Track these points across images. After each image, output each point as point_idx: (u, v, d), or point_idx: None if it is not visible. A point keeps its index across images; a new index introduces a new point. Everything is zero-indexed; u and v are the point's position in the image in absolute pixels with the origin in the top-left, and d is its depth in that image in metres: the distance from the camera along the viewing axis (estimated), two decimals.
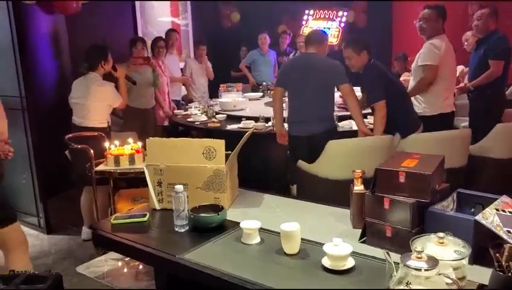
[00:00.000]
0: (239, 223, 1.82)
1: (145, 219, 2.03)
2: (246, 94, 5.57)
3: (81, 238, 3.56)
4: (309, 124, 3.28)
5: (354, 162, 1.77)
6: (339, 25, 6.74)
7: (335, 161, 2.89)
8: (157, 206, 2.16)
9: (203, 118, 4.43)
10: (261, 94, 5.57)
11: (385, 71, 3.42)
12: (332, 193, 2.38)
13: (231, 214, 2.02)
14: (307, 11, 7.07)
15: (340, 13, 6.80)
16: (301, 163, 3.14)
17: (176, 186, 1.90)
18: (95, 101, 3.42)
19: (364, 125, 3.32)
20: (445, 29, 3.67)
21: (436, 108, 3.55)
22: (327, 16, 6.94)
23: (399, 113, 3.24)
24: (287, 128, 3.47)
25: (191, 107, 4.99)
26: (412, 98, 3.54)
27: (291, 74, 3.37)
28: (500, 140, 3.33)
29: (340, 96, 3.78)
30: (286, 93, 3.49)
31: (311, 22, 7.05)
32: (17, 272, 1.89)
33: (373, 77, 3.27)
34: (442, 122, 3.49)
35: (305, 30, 7.01)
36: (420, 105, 3.60)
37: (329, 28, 6.82)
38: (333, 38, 6.73)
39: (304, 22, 7.07)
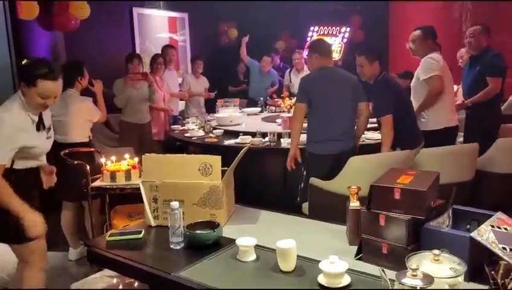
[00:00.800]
0: (235, 240, 1.82)
1: (141, 235, 2.02)
2: (244, 109, 5.60)
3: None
4: (337, 142, 3.13)
5: (375, 178, 1.76)
6: (342, 41, 6.83)
7: (357, 177, 2.74)
8: (153, 223, 2.15)
9: (201, 133, 4.44)
10: (259, 109, 5.60)
11: (395, 85, 3.44)
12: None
13: (227, 231, 2.01)
14: (312, 28, 7.16)
15: (343, 29, 6.88)
16: (315, 180, 3.01)
17: (171, 203, 1.90)
18: (75, 118, 3.42)
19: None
20: (441, 46, 3.74)
21: (441, 122, 3.57)
22: (330, 32, 7.03)
23: (404, 129, 3.27)
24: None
25: (188, 122, 5.00)
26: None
27: (316, 89, 3.16)
28: (501, 154, 3.34)
29: None
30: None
31: (316, 38, 7.15)
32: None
33: (382, 91, 3.28)
34: (447, 136, 3.51)
35: None
36: (425, 120, 3.60)
37: (332, 44, 6.92)
38: (336, 54, 6.83)
39: (308, 39, 7.15)
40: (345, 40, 6.89)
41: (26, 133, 2.17)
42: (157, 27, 6.66)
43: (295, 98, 4.96)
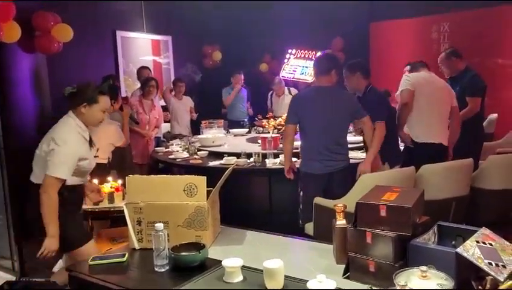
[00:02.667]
0: (221, 261, 1.79)
1: (124, 259, 1.98)
2: (232, 130, 5.62)
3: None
4: (330, 161, 3.12)
5: None
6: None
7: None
8: (137, 246, 2.11)
9: (185, 154, 4.41)
10: (246, 130, 5.59)
11: (384, 96, 3.56)
12: None
13: (213, 252, 1.98)
14: (289, 50, 7.31)
15: (318, 53, 7.06)
16: (320, 200, 2.97)
17: (156, 225, 1.87)
18: (100, 139, 3.38)
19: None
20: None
21: (419, 136, 3.63)
22: (306, 56, 7.18)
23: (391, 143, 3.35)
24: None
25: (172, 144, 4.97)
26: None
27: (304, 109, 3.15)
28: (493, 171, 3.38)
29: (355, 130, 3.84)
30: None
31: (292, 61, 7.28)
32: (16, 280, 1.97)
33: (376, 97, 3.41)
34: (427, 151, 3.54)
35: (286, 68, 7.21)
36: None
37: (307, 67, 7.09)
38: (309, 77, 7.00)
39: (285, 60, 7.29)
40: None
41: (84, 151, 2.45)
42: (141, 50, 6.68)
43: (279, 119, 5.07)
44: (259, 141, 4.54)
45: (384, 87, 5.11)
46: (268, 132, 4.97)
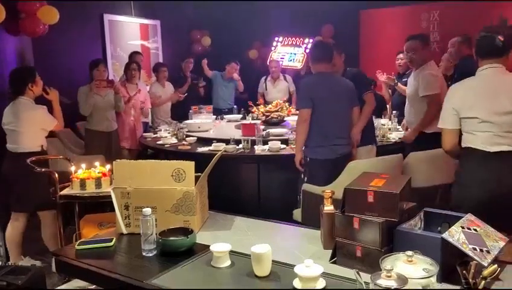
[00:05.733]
0: (209, 246, 1.79)
1: (111, 243, 1.97)
2: (226, 116, 5.57)
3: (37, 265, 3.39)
4: (340, 146, 3.21)
5: None
6: (304, 51, 7.02)
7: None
8: (124, 231, 2.10)
9: (173, 140, 4.39)
10: (240, 116, 5.52)
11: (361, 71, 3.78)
12: None
13: (201, 237, 1.98)
14: (276, 38, 7.29)
15: (306, 40, 7.05)
16: (309, 186, 3.00)
17: (143, 210, 1.86)
18: (26, 126, 3.31)
19: None
20: None
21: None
22: (294, 43, 7.17)
23: (372, 127, 3.45)
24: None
25: (160, 130, 4.94)
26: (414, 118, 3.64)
27: (317, 94, 3.18)
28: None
29: None
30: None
31: (280, 48, 7.26)
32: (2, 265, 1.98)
33: (358, 72, 3.61)
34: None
35: (274, 56, 7.18)
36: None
37: (295, 54, 7.09)
38: (298, 63, 7.01)
39: (273, 48, 7.26)
40: (307, 51, 7.06)
41: None
42: (129, 34, 6.58)
43: (269, 106, 5.04)
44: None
45: (373, 73, 5.14)
46: (258, 118, 4.95)
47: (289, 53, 7.10)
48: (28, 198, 3.30)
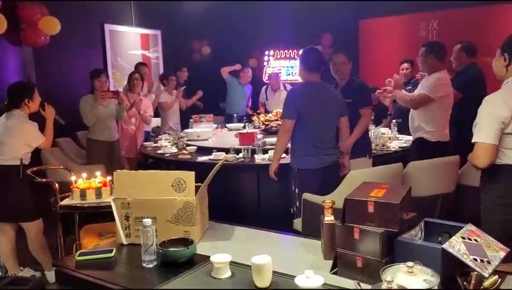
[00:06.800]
0: (209, 256, 1.79)
1: (112, 254, 1.97)
2: (228, 125, 5.58)
3: (37, 275, 3.37)
4: (328, 155, 3.19)
5: None
6: None
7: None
8: (124, 241, 2.09)
9: (174, 149, 4.40)
10: (242, 125, 5.51)
11: (367, 85, 3.71)
12: None
13: (201, 248, 1.98)
14: (267, 52, 7.32)
15: (300, 51, 7.10)
16: (309, 196, 2.99)
17: (144, 220, 1.86)
18: (11, 138, 3.27)
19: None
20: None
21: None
22: (287, 56, 7.18)
23: (367, 136, 3.46)
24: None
25: (161, 139, 4.95)
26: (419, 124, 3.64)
27: (303, 104, 3.15)
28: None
29: None
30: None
31: (273, 62, 7.29)
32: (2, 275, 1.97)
33: (363, 84, 3.60)
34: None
35: (268, 71, 7.22)
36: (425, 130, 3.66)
37: (292, 67, 7.11)
38: (298, 76, 7.01)
39: (265, 63, 7.30)
40: None
41: None
42: (130, 44, 6.62)
43: (269, 114, 5.06)
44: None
45: (373, 83, 5.16)
46: (259, 127, 4.97)
47: (285, 67, 7.13)
48: (9, 210, 3.26)
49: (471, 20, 5.83)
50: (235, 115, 6.07)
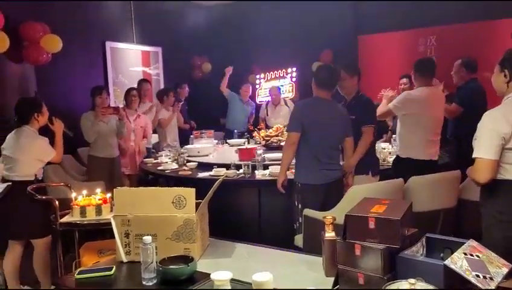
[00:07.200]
0: (210, 274, 1.77)
1: (112, 272, 1.95)
2: (230, 141, 5.58)
3: None
4: (331, 171, 3.17)
5: None
6: (291, 80, 7.15)
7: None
8: (124, 259, 2.08)
9: (174, 166, 4.39)
10: (243, 140, 5.51)
11: (373, 102, 3.66)
12: None
13: (202, 265, 1.96)
14: (258, 76, 7.43)
15: (289, 70, 7.19)
16: (310, 212, 2.97)
17: (144, 238, 1.84)
18: (23, 155, 3.31)
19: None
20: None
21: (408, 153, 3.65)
22: (278, 75, 7.30)
23: (373, 152, 3.46)
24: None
25: (161, 155, 4.95)
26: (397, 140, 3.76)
27: (309, 118, 3.14)
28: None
29: None
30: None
31: (264, 84, 7.39)
32: None
33: (368, 102, 3.53)
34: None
35: (261, 93, 7.30)
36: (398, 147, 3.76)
37: (282, 85, 7.21)
38: (288, 93, 7.13)
39: (257, 86, 7.39)
40: (294, 79, 7.20)
41: None
42: (131, 61, 6.67)
43: (269, 130, 5.07)
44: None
45: (372, 98, 5.18)
46: (260, 143, 4.97)
47: (277, 86, 7.22)
48: (22, 226, 3.28)
49: (469, 35, 5.89)
50: (235, 130, 6.08)
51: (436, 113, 3.66)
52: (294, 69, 7.14)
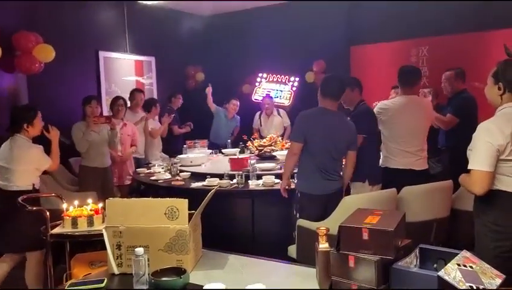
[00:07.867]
0: (203, 286, 1.76)
1: (103, 284, 1.92)
2: (224, 150, 5.56)
3: None
4: (332, 181, 3.16)
5: None
6: (291, 89, 7.19)
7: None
8: (116, 271, 2.05)
9: (167, 176, 4.37)
10: (238, 150, 5.48)
11: (373, 113, 3.67)
12: None
13: (194, 277, 1.94)
14: (260, 74, 7.45)
15: (292, 78, 7.23)
16: (304, 222, 2.97)
17: (136, 250, 1.82)
18: (18, 165, 3.29)
19: None
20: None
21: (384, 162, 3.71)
22: (280, 80, 7.33)
23: (372, 162, 3.50)
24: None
25: (154, 165, 4.92)
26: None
27: (315, 129, 3.11)
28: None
29: None
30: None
31: (264, 84, 7.40)
32: None
33: (363, 111, 3.60)
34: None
35: (258, 91, 7.31)
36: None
37: (281, 91, 7.24)
38: (285, 100, 7.17)
39: (257, 84, 7.40)
40: (294, 88, 7.23)
41: None
42: (124, 70, 6.66)
43: (263, 140, 5.07)
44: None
45: (371, 109, 5.22)
46: (253, 153, 4.96)
47: (275, 90, 7.24)
48: (18, 238, 3.24)
49: (460, 46, 5.95)
50: (228, 140, 6.07)
51: (414, 122, 3.58)
52: (297, 78, 7.17)
